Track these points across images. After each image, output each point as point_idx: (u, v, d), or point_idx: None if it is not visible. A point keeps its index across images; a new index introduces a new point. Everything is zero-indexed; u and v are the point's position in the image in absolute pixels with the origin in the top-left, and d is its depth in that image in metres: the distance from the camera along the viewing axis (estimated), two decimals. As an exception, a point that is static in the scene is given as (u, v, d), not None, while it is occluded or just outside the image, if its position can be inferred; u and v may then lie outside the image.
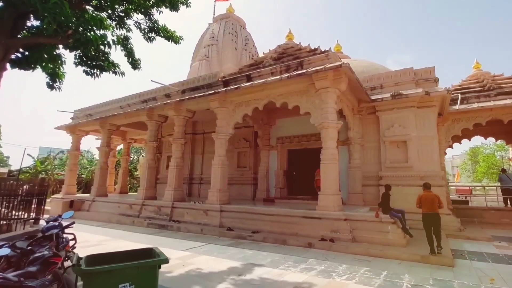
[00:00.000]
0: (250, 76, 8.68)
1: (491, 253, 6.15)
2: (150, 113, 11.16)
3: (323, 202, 6.93)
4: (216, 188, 8.72)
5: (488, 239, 7.45)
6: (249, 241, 7.02)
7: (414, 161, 8.80)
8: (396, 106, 9.18)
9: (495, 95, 10.41)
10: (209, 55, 14.93)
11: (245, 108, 8.71)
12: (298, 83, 7.67)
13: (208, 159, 12.85)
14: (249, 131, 12.17)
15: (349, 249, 5.92)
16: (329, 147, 7.16)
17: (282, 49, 9.16)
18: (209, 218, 8.44)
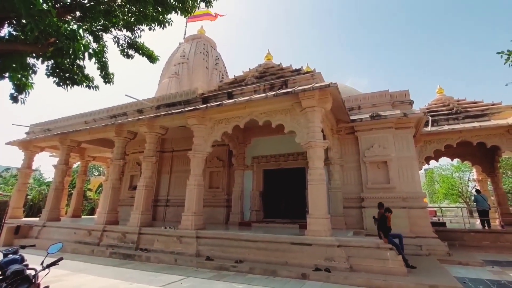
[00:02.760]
0: (231, 94, 8.48)
1: (492, 279, 6.13)
2: (119, 129, 10.36)
3: (313, 226, 6.56)
4: (191, 211, 8.12)
5: (481, 263, 7.47)
6: (233, 273, 6.43)
7: (395, 182, 8.95)
8: (374, 127, 9.50)
9: (463, 118, 11.36)
10: (179, 73, 14.94)
11: (225, 125, 8.42)
12: (283, 101, 7.63)
13: (177, 179, 12.51)
14: (223, 150, 11.85)
15: (348, 280, 5.55)
16: (317, 167, 6.99)
17: (264, 68, 9.17)
18: (183, 245, 7.74)
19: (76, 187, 15.30)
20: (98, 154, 15.74)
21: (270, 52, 10.45)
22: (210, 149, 8.71)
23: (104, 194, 10.66)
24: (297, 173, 10.31)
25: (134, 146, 13.20)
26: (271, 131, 8.82)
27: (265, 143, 11.14)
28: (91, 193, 24.41)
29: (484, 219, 11.26)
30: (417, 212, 8.63)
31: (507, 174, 20.41)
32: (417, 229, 8.42)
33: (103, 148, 13.56)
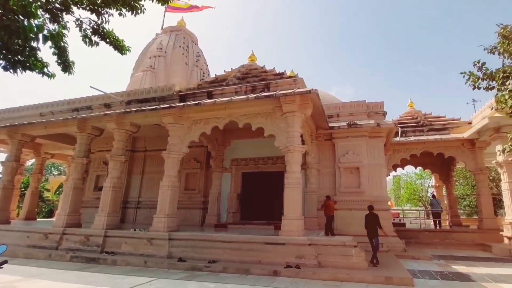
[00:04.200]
0: (211, 93, 8.27)
1: (437, 271, 6.95)
2: (83, 124, 9.59)
3: (287, 227, 6.83)
4: (164, 213, 7.88)
5: (429, 258, 8.41)
6: (206, 273, 6.43)
7: (365, 186, 9.61)
8: (351, 135, 10.01)
9: (428, 131, 12.43)
10: (155, 67, 14.03)
11: (204, 126, 8.23)
12: (264, 104, 7.69)
13: (149, 180, 11.97)
14: (201, 151, 11.60)
15: (316, 275, 5.92)
16: (294, 171, 7.24)
17: (246, 69, 9.10)
18: (154, 247, 7.52)
19: (30, 186, 13.87)
20: (57, 151, 14.38)
21: (254, 53, 10.43)
22: (186, 150, 8.44)
23: (64, 194, 9.76)
24: (276, 176, 10.43)
25: (101, 144, 12.28)
26: (252, 134, 8.77)
27: (245, 146, 11.13)
28: (50, 194, 22.45)
29: (437, 220, 12.92)
30: (382, 214, 9.14)
31: (460, 182, 22.71)
32: None
33: (64, 144, 12.47)
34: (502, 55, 6.85)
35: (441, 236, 11.53)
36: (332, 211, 8.02)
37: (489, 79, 6.94)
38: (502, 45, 6.78)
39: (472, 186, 20.37)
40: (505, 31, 6.83)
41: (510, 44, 6.71)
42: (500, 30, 6.86)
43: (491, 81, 6.95)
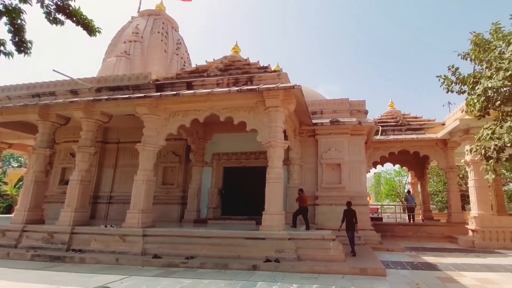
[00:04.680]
0: (191, 84, 7.94)
1: (407, 261, 7.43)
2: (45, 111, 8.84)
3: (268, 222, 6.92)
4: (138, 209, 7.59)
5: (402, 250, 8.95)
6: (183, 269, 6.34)
7: (346, 182, 9.92)
8: (333, 132, 10.19)
9: (405, 130, 13.00)
10: (130, 52, 13.12)
11: (182, 118, 7.93)
12: (247, 98, 7.57)
13: (123, 174, 11.44)
14: (180, 145, 11.23)
15: (295, 268, 6.10)
16: (276, 166, 7.28)
17: (229, 61, 8.82)
18: (127, 244, 7.26)
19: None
20: (16, 140, 13.20)
21: (238, 45, 10.10)
22: (163, 143, 8.11)
23: (25, 188, 9.01)
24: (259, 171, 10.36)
25: (67, 134, 11.43)
26: (234, 128, 8.61)
27: (227, 140, 10.97)
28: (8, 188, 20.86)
29: (411, 215, 14.05)
30: (360, 209, 9.75)
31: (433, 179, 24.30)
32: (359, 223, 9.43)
33: (24, 133, 11.44)
34: (474, 62, 7.29)
35: (414, 229, 12.35)
36: (306, 203, 8.42)
37: (461, 83, 7.36)
38: (474, 52, 7.19)
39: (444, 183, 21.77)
40: (477, 39, 7.20)
41: (481, 51, 7.15)
42: (473, 37, 7.26)
43: (463, 86, 7.39)
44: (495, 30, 7.13)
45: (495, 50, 6.99)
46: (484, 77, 6.89)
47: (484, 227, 9.76)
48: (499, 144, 6.48)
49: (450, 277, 5.93)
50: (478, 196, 10.12)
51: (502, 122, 6.53)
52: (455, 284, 5.43)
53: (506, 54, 6.60)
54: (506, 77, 6.42)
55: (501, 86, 6.72)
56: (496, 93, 6.91)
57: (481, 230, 9.77)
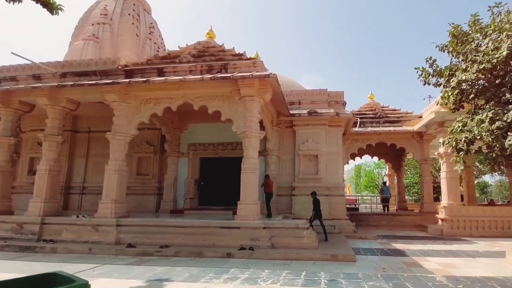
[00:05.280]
0: (162, 70, 7.77)
1: (378, 248, 7.84)
2: (6, 97, 8.48)
3: (243, 212, 7.06)
4: (111, 199, 7.56)
5: (374, 237, 9.40)
6: (157, 257, 6.45)
7: (323, 173, 10.19)
8: (311, 123, 10.35)
9: (383, 122, 13.35)
10: (99, 36, 12.48)
11: (154, 106, 7.80)
12: (221, 86, 7.52)
13: (95, 164, 11.24)
14: (155, 134, 11.11)
15: (268, 255, 6.31)
16: (251, 157, 7.35)
17: (203, 47, 8.68)
18: (100, 234, 7.27)
19: None
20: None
21: (212, 30, 9.89)
22: (135, 132, 7.98)
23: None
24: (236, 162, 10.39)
25: (34, 122, 10.99)
26: (210, 118, 8.58)
27: (203, 130, 10.93)
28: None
29: (385, 205, 14.93)
30: (337, 199, 10.28)
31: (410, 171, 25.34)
32: (335, 212, 10.09)
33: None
34: (451, 54, 7.48)
35: (388, 218, 13.00)
36: (271, 189, 8.83)
37: (438, 75, 7.57)
38: (451, 44, 7.36)
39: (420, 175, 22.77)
40: (455, 31, 7.35)
41: (459, 43, 7.35)
42: (451, 29, 7.40)
43: (440, 78, 7.61)
44: (473, 22, 7.19)
45: (472, 42, 7.18)
46: (459, 69, 7.10)
47: (452, 216, 10.33)
48: (470, 136, 6.77)
49: (415, 262, 6.30)
50: (448, 187, 10.66)
51: (474, 115, 6.82)
52: (419, 268, 5.76)
53: (482, 47, 6.79)
54: (480, 70, 6.57)
55: (475, 79, 7.00)
56: (470, 86, 7.22)
57: (449, 219, 10.34)
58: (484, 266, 5.96)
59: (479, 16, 7.01)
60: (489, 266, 5.95)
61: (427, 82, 7.64)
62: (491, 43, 6.48)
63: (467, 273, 5.41)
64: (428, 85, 7.69)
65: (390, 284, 4.71)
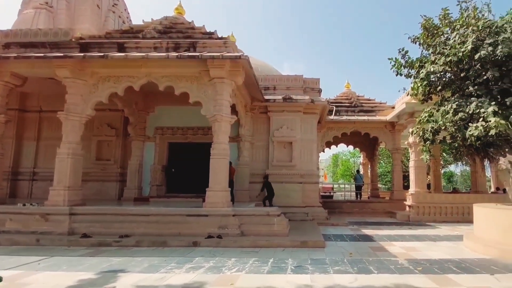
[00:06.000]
0: (123, 45, 7.21)
1: (348, 234, 8.11)
2: None
3: (212, 199, 6.97)
4: (63, 185, 7.06)
5: (346, 224, 9.74)
6: (115, 248, 6.18)
7: (297, 161, 10.25)
8: (286, 109, 10.30)
9: (358, 112, 13.62)
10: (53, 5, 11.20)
11: (114, 85, 7.27)
12: (189, 66, 7.17)
13: (48, 148, 10.42)
14: (117, 116, 10.50)
15: (237, 243, 6.30)
16: (221, 142, 7.21)
17: (170, 23, 8.15)
18: (51, 224, 6.79)
19: None
20: None
21: (182, 5, 9.29)
22: (91, 112, 7.42)
23: None
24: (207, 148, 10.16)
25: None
26: (179, 100, 8.20)
27: (172, 113, 10.51)
28: None
29: (358, 192, 15.76)
30: (310, 186, 10.41)
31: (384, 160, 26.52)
32: (308, 200, 10.22)
33: None
34: (422, 46, 7.72)
35: (360, 206, 13.56)
36: (233, 176, 9.03)
37: (409, 67, 7.81)
38: (423, 36, 7.59)
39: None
40: (426, 23, 7.55)
41: (429, 36, 7.58)
42: (423, 22, 7.61)
43: (411, 69, 7.85)
44: (443, 16, 7.48)
45: (442, 36, 7.46)
46: (428, 61, 7.36)
47: (418, 203, 10.93)
48: (435, 127, 7.10)
49: (381, 247, 6.58)
50: (416, 175, 11.22)
51: (440, 107, 7.12)
52: (384, 252, 6.02)
53: (450, 41, 7.09)
54: (447, 62, 6.89)
55: (443, 72, 7.30)
56: (438, 78, 7.53)
57: (416, 205, 10.93)
58: (443, 249, 6.33)
59: (449, 10, 7.32)
60: (448, 249, 6.33)
61: (399, 73, 7.87)
62: (458, 37, 6.78)
63: (427, 256, 5.72)
64: (400, 76, 7.92)
65: (355, 268, 4.85)
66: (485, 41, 6.43)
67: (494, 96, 6.51)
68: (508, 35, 6.38)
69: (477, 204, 6.89)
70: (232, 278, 4.29)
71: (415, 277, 4.41)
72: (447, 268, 4.88)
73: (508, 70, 6.49)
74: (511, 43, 6.23)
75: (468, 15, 7.06)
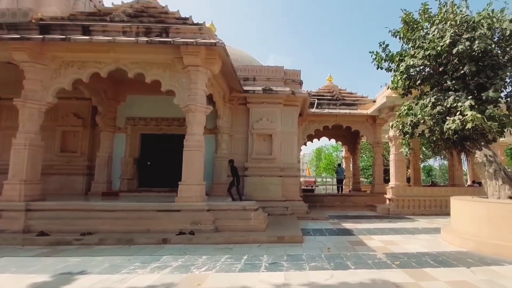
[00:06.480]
0: (88, 28, 6.62)
1: (327, 228, 8.02)
2: None
3: (185, 193, 6.67)
4: (19, 179, 6.47)
5: (326, 218, 9.67)
6: (75, 246, 5.75)
7: (277, 153, 10.03)
8: (266, 101, 10.01)
9: (340, 105, 13.51)
10: None
11: (78, 71, 6.71)
12: (162, 53, 6.74)
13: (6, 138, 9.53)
14: (84, 105, 9.87)
15: (210, 239, 6.08)
16: (195, 133, 6.86)
17: (142, 6, 7.60)
18: (4, 221, 6.23)
19: None
20: None
21: (156, -13, 8.71)
22: (53, 99, 6.82)
23: None
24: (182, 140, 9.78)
25: None
26: (153, 89, 7.75)
27: (145, 103, 9.95)
28: None
29: (339, 186, 15.91)
30: (290, 180, 10.23)
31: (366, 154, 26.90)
32: (288, 194, 10.04)
33: None
34: (402, 40, 7.68)
35: (341, 199, 13.54)
36: None
37: (390, 60, 7.77)
38: (403, 30, 7.56)
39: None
40: (407, 18, 7.54)
41: (409, 30, 7.54)
42: (403, 16, 7.57)
43: (391, 63, 7.81)
44: (423, 10, 7.51)
45: (421, 30, 7.45)
46: (408, 55, 7.34)
47: (398, 196, 11.02)
48: (414, 120, 7.10)
49: (360, 241, 6.51)
50: (396, 169, 11.29)
51: (419, 100, 7.13)
52: (362, 247, 5.93)
53: (430, 35, 7.08)
54: (425, 56, 6.91)
55: (422, 66, 7.29)
56: (417, 73, 7.52)
57: (396, 198, 11.01)
58: (421, 242, 6.32)
59: (429, 5, 7.41)
60: (425, 242, 6.33)
61: (380, 66, 7.84)
62: (437, 32, 6.85)
63: (405, 250, 5.68)
64: (381, 69, 7.92)
65: (331, 264, 4.72)
66: (463, 36, 6.53)
67: (471, 91, 6.64)
68: (485, 31, 6.47)
69: (454, 197, 6.92)
70: (200, 278, 4.05)
71: (392, 272, 4.33)
72: (425, 262, 4.86)
73: (484, 66, 6.61)
74: (487, 39, 6.33)
75: (446, 10, 7.11)
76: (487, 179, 6.43)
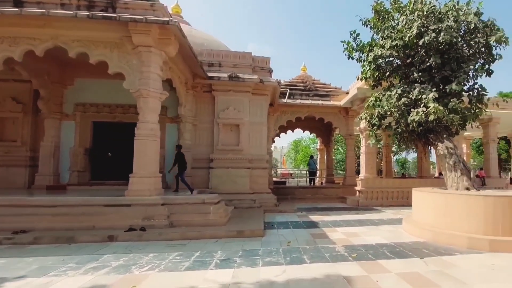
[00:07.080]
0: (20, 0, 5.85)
1: (293, 221, 7.85)
2: None
3: (136, 186, 6.27)
4: None
5: (294, 211, 9.53)
6: (5, 246, 5.22)
7: (244, 145, 9.71)
8: (233, 89, 9.59)
9: (313, 96, 13.33)
10: None
11: (9, 48, 5.97)
12: (107, 30, 6.13)
13: None
14: (25, 88, 8.94)
15: (162, 235, 5.75)
16: (148, 121, 6.40)
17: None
18: None
19: None
20: None
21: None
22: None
23: None
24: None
25: None
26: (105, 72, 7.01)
27: (97, 87, 9.19)
28: None
29: (311, 178, 15.69)
30: (259, 172, 9.97)
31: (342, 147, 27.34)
32: (256, 186, 9.80)
33: None
34: (373, 30, 7.54)
35: (312, 191, 13.52)
36: None
37: (360, 50, 7.62)
38: (373, 19, 7.42)
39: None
40: (378, 7, 7.40)
41: (380, 20, 7.40)
42: (375, 4, 7.41)
43: (362, 53, 7.66)
44: (394, 0, 7.44)
45: (392, 20, 7.33)
46: (377, 45, 7.21)
47: (367, 187, 11.13)
48: (381, 111, 7.04)
49: (323, 233, 6.40)
50: (366, 161, 11.40)
51: (387, 92, 7.06)
52: (323, 240, 5.82)
53: (399, 26, 6.98)
54: (393, 46, 6.83)
55: (390, 56, 7.20)
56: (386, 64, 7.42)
57: (365, 190, 11.12)
58: (383, 234, 6.32)
59: None
60: (387, 233, 6.34)
61: (350, 56, 7.68)
62: (406, 22, 6.78)
63: (365, 241, 5.65)
64: (352, 59, 7.77)
65: (287, 258, 4.55)
66: (429, 27, 6.46)
67: (436, 83, 6.68)
68: (451, 23, 6.44)
69: (415, 188, 6.98)
70: (139, 278, 3.75)
71: (347, 265, 4.23)
72: (381, 254, 4.81)
73: (449, 58, 6.65)
74: (453, 31, 6.31)
75: (416, 0, 6.96)
76: (447, 170, 6.51)
